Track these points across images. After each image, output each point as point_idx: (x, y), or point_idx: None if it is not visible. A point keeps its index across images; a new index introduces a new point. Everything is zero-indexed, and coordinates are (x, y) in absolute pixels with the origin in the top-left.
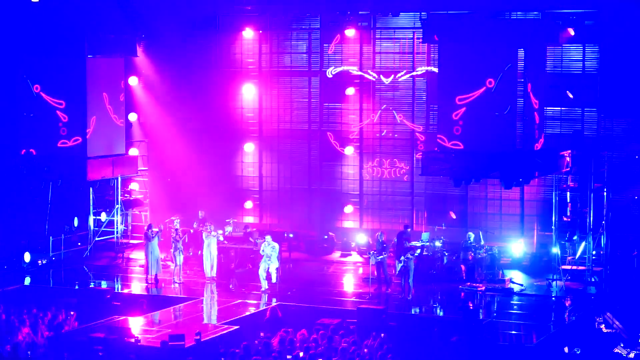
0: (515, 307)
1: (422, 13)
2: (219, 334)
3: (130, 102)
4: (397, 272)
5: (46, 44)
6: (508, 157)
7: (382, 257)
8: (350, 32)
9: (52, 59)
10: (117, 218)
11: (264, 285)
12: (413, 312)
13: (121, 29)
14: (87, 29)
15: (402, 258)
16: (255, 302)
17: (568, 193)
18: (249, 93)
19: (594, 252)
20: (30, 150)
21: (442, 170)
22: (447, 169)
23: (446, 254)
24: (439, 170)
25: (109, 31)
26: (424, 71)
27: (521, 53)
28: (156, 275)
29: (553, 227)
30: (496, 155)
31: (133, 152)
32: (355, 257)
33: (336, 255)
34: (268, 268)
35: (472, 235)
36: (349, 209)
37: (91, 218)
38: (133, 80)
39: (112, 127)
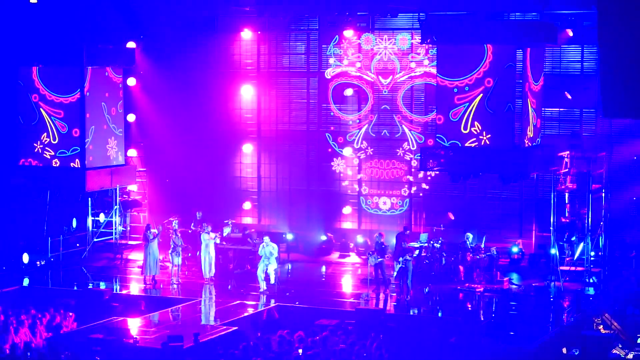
0: (513, 308)
1: (421, 14)
2: (217, 334)
3: (129, 103)
4: (395, 273)
5: (45, 53)
6: (506, 153)
7: (382, 259)
8: (348, 33)
9: (50, 67)
10: (116, 219)
11: (262, 286)
12: (412, 313)
13: (120, 30)
14: (86, 36)
15: (401, 259)
16: (253, 302)
17: (566, 194)
18: (247, 94)
19: (592, 253)
20: (34, 162)
21: (440, 166)
22: (445, 164)
23: (444, 254)
24: (437, 166)
25: (108, 32)
26: (422, 72)
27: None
28: (154, 276)
29: (551, 228)
30: (494, 151)
31: (131, 153)
32: (353, 258)
33: (335, 256)
34: (266, 269)
35: (470, 236)
36: (347, 210)
37: (90, 219)
38: (131, 81)
39: (111, 136)
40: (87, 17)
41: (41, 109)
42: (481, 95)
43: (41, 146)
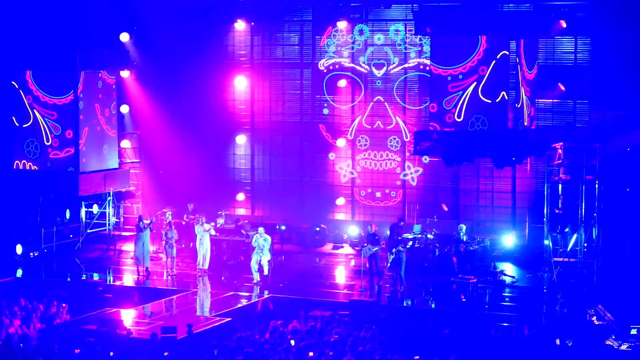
0: (506, 299)
1: (414, 5)
2: (211, 326)
3: (122, 94)
4: (388, 265)
5: (38, 57)
6: (500, 137)
7: (376, 249)
8: (342, 24)
9: (44, 70)
10: (109, 210)
11: (256, 277)
12: (405, 305)
13: (113, 25)
14: (80, 39)
15: (394, 250)
16: (247, 294)
17: (560, 185)
18: (240, 85)
19: (585, 244)
20: (28, 164)
21: (434, 151)
22: (438, 149)
23: (438, 246)
24: (431, 150)
25: (101, 27)
26: (415, 63)
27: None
28: (147, 267)
29: (545, 219)
30: (488, 134)
31: (125, 144)
32: (347, 249)
33: (328, 247)
34: (260, 260)
35: (463, 228)
36: (340, 201)
37: (83, 210)
38: (125, 73)
39: (105, 138)
40: (81, 16)
41: (35, 111)
42: (475, 83)
43: (35, 148)
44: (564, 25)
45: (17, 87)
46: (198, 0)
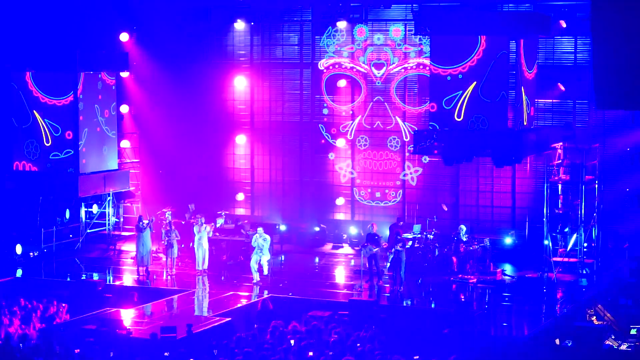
0: (506, 299)
1: (414, 5)
2: (210, 326)
3: (122, 94)
4: (388, 265)
5: (38, 58)
6: (500, 136)
7: (377, 249)
8: (342, 24)
9: (44, 71)
10: (109, 210)
11: (256, 277)
12: (404, 305)
13: (113, 25)
14: (79, 40)
15: (393, 249)
16: (247, 294)
17: (559, 185)
18: (240, 85)
19: (585, 244)
20: (27, 165)
21: (433, 149)
22: (438, 147)
23: (437, 246)
24: (430, 149)
25: (101, 27)
26: (415, 64)
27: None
28: (147, 267)
29: (544, 219)
30: (488, 133)
31: (125, 144)
32: (347, 249)
33: (328, 247)
34: (259, 260)
35: (463, 228)
36: (340, 201)
37: (83, 210)
38: (124, 73)
39: (105, 139)
40: (80, 16)
41: (34, 112)
42: (475, 83)
43: (34, 149)
44: (564, 25)
45: (16, 88)
46: (198, 0)
